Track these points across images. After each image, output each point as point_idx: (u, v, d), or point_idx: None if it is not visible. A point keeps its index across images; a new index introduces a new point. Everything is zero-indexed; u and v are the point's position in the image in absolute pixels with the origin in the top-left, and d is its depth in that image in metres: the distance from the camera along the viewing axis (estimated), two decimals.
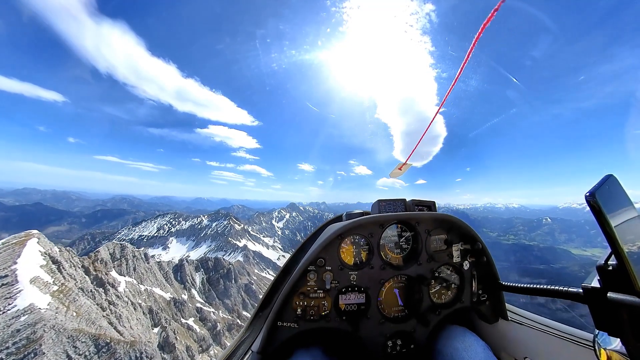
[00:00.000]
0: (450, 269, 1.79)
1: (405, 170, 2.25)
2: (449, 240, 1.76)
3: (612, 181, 0.79)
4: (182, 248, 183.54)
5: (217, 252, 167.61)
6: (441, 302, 1.77)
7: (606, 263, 0.80)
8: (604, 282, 0.83)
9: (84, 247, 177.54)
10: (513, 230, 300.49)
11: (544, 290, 1.22)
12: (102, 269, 60.71)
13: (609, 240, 0.70)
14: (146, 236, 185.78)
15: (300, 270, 1.50)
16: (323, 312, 1.57)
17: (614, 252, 0.72)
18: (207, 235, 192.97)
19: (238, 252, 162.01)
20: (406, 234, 1.76)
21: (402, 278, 1.72)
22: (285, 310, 1.51)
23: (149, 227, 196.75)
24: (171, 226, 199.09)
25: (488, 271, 1.76)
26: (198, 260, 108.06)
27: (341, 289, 1.60)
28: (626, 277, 0.72)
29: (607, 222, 0.69)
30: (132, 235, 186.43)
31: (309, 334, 1.56)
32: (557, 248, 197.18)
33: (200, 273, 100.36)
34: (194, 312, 73.40)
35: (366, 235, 1.64)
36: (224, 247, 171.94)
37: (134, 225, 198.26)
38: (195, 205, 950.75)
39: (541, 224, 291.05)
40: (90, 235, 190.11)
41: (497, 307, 1.78)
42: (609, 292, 0.79)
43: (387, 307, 1.69)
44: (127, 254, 73.43)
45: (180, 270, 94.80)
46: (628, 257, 0.70)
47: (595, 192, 0.70)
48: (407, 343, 1.65)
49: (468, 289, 1.76)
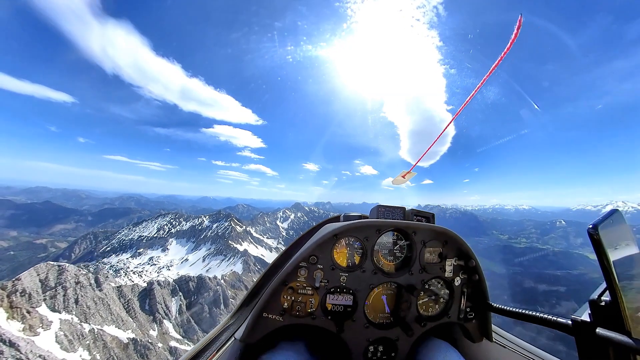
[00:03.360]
0: (441, 282, 1.79)
1: (409, 178, 2.25)
2: (443, 254, 1.76)
3: (616, 216, 0.77)
4: (182, 250, 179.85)
5: (216, 255, 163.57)
6: (428, 315, 1.77)
7: (599, 298, 0.79)
8: (594, 317, 0.82)
9: (85, 246, 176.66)
10: (524, 233, 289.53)
11: (532, 317, 1.21)
12: (23, 305, 40.18)
13: (606, 275, 0.70)
14: (146, 237, 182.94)
15: (292, 265, 1.51)
16: (309, 309, 1.58)
17: (609, 287, 0.72)
18: (207, 237, 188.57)
19: (237, 258, 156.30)
20: (401, 243, 1.76)
21: (391, 285, 1.73)
22: (272, 303, 1.52)
23: (149, 228, 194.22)
24: (171, 227, 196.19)
25: (478, 290, 1.77)
26: (176, 281, 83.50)
27: (330, 288, 1.61)
28: (618, 315, 0.72)
29: (607, 256, 0.69)
30: (132, 235, 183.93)
31: (294, 329, 1.58)
32: (573, 252, 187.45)
33: (178, 298, 76.51)
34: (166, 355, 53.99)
35: (361, 239, 1.64)
36: (224, 250, 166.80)
37: (134, 226, 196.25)
38: (201, 204, 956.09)
39: (554, 227, 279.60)
40: (93, 235, 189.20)
41: (482, 327, 1.79)
42: (598, 328, 0.78)
43: (374, 312, 1.70)
44: (65, 280, 51.41)
45: (149, 296, 70.78)
46: (622, 294, 0.70)
47: (598, 225, 0.70)
48: (388, 350, 1.66)
49: (456, 304, 1.76)
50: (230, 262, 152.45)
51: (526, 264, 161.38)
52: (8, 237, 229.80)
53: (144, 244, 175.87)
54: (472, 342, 1.81)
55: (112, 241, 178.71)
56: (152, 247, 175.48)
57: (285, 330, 1.55)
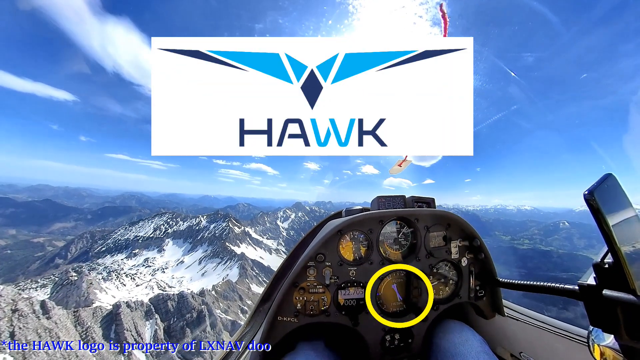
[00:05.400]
0: (448, 265, 1.81)
1: (405, 166, 2.20)
2: (447, 237, 1.79)
3: (611, 180, 0.80)
4: (178, 251, 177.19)
5: (213, 258, 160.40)
6: (439, 298, 1.79)
7: (602, 261, 0.82)
8: (599, 280, 0.84)
9: (82, 245, 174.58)
10: (527, 234, 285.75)
11: (540, 287, 1.25)
12: None
13: (606, 238, 0.72)
14: (142, 237, 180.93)
15: (300, 265, 1.53)
16: (323, 307, 1.60)
17: (611, 250, 0.73)
18: (204, 238, 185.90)
19: (234, 261, 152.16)
20: (405, 230, 1.78)
21: (400, 274, 1.76)
22: (285, 305, 1.54)
23: (146, 227, 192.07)
24: (168, 227, 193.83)
25: (486, 267, 1.80)
26: (152, 300, 68.12)
27: (340, 284, 1.62)
28: (622, 275, 0.74)
29: (605, 220, 0.70)
30: (128, 235, 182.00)
31: (310, 328, 1.60)
32: (578, 254, 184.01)
33: (153, 322, 62.40)
34: None
35: (365, 232, 1.66)
36: (220, 253, 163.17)
37: (130, 225, 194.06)
38: (202, 202, 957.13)
39: (558, 228, 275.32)
40: (90, 234, 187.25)
41: (494, 303, 1.83)
42: (604, 290, 0.81)
43: (386, 302, 1.73)
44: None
45: (115, 321, 57.62)
46: (624, 255, 0.72)
47: (594, 191, 0.71)
48: (405, 337, 1.68)
49: (466, 285, 1.79)
50: (227, 266, 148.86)
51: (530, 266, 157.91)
52: (7, 235, 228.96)
53: (140, 244, 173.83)
54: (485, 319, 1.85)
55: (107, 241, 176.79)
56: (148, 248, 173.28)
57: (301, 330, 1.57)
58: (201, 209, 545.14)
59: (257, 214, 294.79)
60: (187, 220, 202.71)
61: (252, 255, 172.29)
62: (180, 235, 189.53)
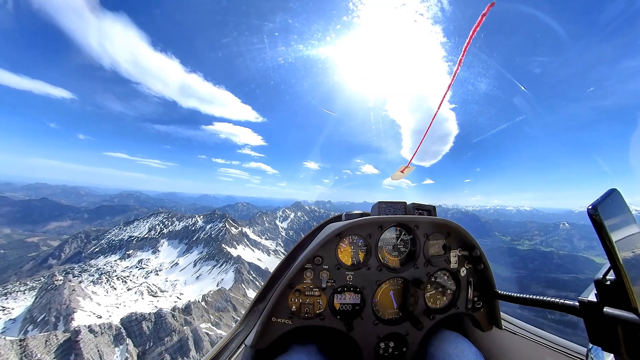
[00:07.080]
0: (447, 274, 1.79)
1: (408, 173, 2.21)
2: (447, 246, 1.77)
3: (615, 195, 0.78)
4: (173, 252, 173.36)
5: (208, 260, 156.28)
6: (436, 307, 1.77)
7: (604, 277, 0.80)
8: (601, 297, 0.83)
9: (76, 245, 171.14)
10: (527, 235, 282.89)
11: (539, 301, 1.22)
12: None
13: (609, 254, 0.70)
14: (136, 237, 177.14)
15: (297, 267, 1.51)
16: (318, 310, 1.58)
17: (613, 267, 0.72)
18: (200, 239, 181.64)
19: (230, 264, 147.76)
20: (405, 237, 1.76)
21: (398, 281, 1.73)
22: (280, 306, 1.52)
23: (141, 227, 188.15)
24: (164, 227, 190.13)
25: (485, 279, 1.77)
26: (123, 322, 55.65)
27: (337, 288, 1.61)
28: (623, 293, 0.72)
29: (608, 236, 0.69)
30: (122, 235, 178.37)
31: (304, 331, 1.59)
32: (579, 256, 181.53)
33: (124, 348, 52.49)
34: None
35: (364, 236, 1.65)
36: (216, 255, 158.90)
37: (125, 225, 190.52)
38: (201, 201, 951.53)
39: (558, 229, 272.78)
40: (85, 234, 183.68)
41: (491, 315, 1.80)
42: (605, 307, 0.79)
43: (382, 308, 1.71)
44: None
45: (74, 349, 46.30)
46: (627, 273, 0.70)
47: (597, 206, 0.70)
48: (399, 345, 1.66)
49: (464, 295, 1.77)
50: (222, 269, 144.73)
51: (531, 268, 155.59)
52: (1, 234, 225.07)
53: (134, 245, 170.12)
54: (482, 331, 1.82)
55: (101, 241, 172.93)
56: (142, 249, 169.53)
57: (295, 333, 1.55)
58: (200, 208, 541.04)
59: (255, 214, 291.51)
60: (183, 220, 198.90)
61: (249, 258, 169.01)
62: (175, 236, 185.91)
